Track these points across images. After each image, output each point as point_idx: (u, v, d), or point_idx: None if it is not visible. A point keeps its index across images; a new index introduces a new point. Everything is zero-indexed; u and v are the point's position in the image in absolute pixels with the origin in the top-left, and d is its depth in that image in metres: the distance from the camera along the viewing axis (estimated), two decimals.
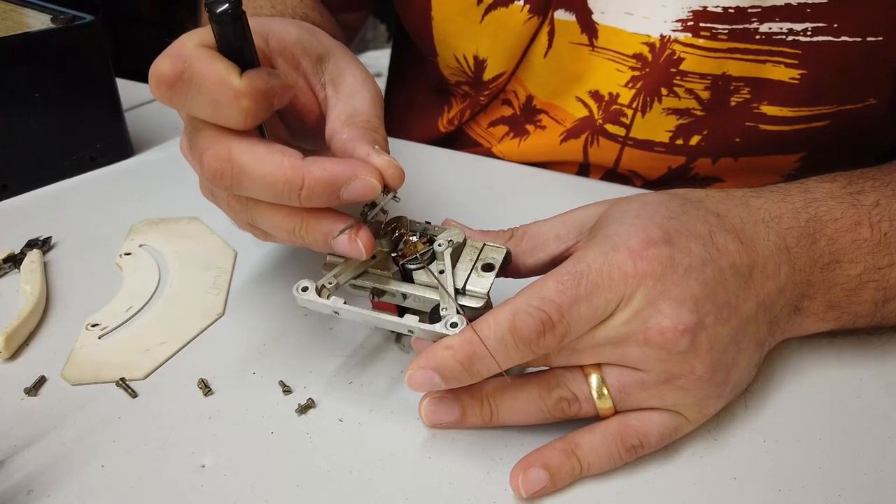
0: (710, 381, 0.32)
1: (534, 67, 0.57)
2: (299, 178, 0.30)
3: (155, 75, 0.30)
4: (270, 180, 0.31)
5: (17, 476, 0.33)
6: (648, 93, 0.52)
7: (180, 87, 0.30)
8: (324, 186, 0.31)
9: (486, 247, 0.36)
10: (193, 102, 0.30)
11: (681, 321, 0.31)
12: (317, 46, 0.36)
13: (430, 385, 0.32)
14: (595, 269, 0.31)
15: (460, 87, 0.63)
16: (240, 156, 0.31)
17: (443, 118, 0.66)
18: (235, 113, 0.30)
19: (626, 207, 0.35)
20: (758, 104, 0.50)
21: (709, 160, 0.55)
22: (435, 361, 0.31)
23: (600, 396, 0.33)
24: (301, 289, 0.34)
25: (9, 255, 0.46)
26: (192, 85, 0.30)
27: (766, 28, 0.47)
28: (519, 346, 0.31)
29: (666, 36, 0.49)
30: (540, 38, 0.55)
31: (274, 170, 0.30)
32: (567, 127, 0.58)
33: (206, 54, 0.30)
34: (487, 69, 0.58)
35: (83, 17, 0.56)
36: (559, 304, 0.31)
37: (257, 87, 0.30)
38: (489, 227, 0.39)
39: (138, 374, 0.38)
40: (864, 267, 0.36)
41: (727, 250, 0.33)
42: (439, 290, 0.34)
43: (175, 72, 0.30)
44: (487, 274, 0.34)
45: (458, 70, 0.60)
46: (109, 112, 0.58)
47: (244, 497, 0.32)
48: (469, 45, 0.57)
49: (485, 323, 0.31)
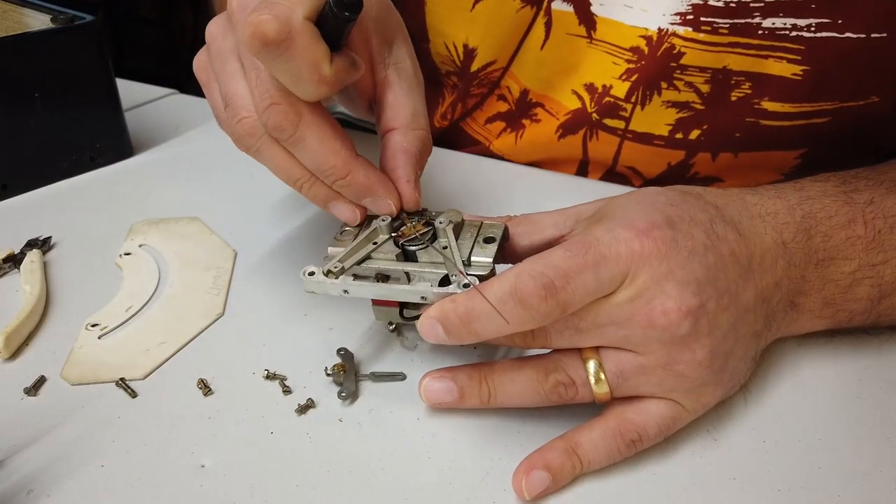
0: (709, 367, 0.32)
1: (529, 59, 0.57)
2: (346, 171, 0.34)
3: (256, 27, 0.30)
4: (322, 158, 0.34)
5: (17, 476, 0.33)
6: (647, 86, 0.52)
7: (274, 49, 0.30)
8: (359, 188, 0.35)
9: (484, 224, 0.37)
10: (277, 65, 0.31)
11: (684, 303, 0.31)
12: (389, 28, 0.38)
13: (434, 335, 0.32)
14: (604, 242, 0.31)
15: (449, 78, 0.63)
16: (307, 126, 0.33)
17: (436, 113, 0.66)
18: (312, 91, 0.32)
19: (627, 197, 0.35)
20: (759, 99, 0.50)
21: (708, 155, 0.55)
22: (440, 312, 0.32)
23: (597, 381, 0.33)
24: (308, 273, 0.35)
25: (9, 254, 0.47)
26: (287, 55, 0.31)
27: (769, 23, 0.46)
28: (519, 309, 0.31)
29: (664, 29, 0.49)
30: (536, 29, 0.55)
31: (330, 154, 0.34)
32: (561, 120, 0.58)
33: (311, 34, 0.31)
34: (477, 58, 0.58)
35: (83, 17, 0.56)
36: (565, 269, 0.31)
37: (339, 77, 0.32)
38: None
39: (138, 373, 0.38)
40: (858, 264, 0.36)
41: (727, 239, 0.34)
42: (445, 263, 0.34)
43: (278, 36, 0.30)
44: (489, 245, 0.35)
45: (448, 59, 0.60)
46: (109, 112, 0.59)
47: (244, 497, 0.32)
48: (460, 32, 0.57)
49: (488, 284, 0.32)
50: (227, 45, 0.36)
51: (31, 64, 0.52)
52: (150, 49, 1.98)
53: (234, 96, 0.35)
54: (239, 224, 0.51)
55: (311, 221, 0.52)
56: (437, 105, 0.66)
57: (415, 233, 0.36)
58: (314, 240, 0.50)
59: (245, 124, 0.35)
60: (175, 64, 1.90)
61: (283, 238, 0.50)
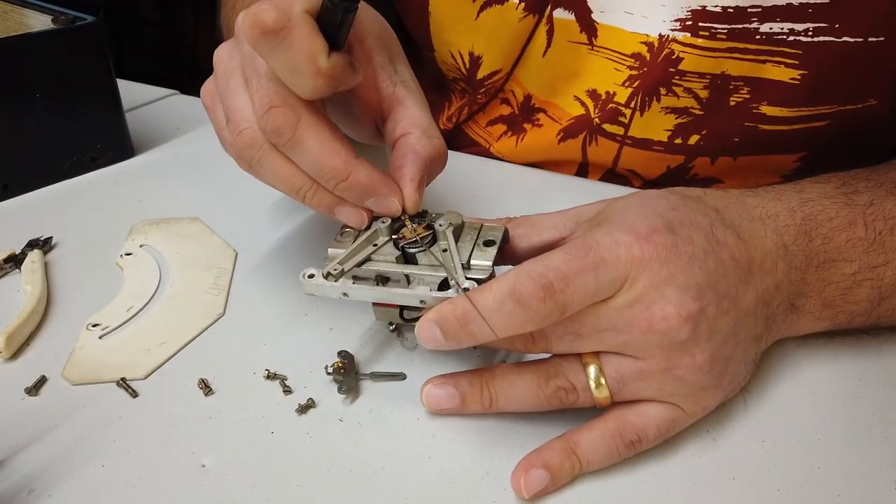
0: (709, 371, 0.32)
1: (532, 66, 0.57)
2: (347, 173, 0.34)
3: (255, 17, 0.31)
4: (322, 161, 0.34)
5: (18, 475, 0.33)
6: (647, 92, 0.52)
7: (272, 39, 0.31)
8: (361, 189, 0.35)
9: (484, 227, 0.37)
10: (274, 57, 0.32)
11: (684, 308, 0.31)
12: (391, 48, 0.39)
13: (432, 338, 0.32)
14: (604, 246, 0.31)
15: (457, 84, 0.63)
16: (306, 128, 0.33)
17: (443, 115, 0.66)
18: (308, 86, 0.32)
19: (627, 201, 0.35)
20: (757, 104, 0.50)
21: (707, 160, 0.55)
22: (438, 315, 0.32)
23: (598, 386, 0.33)
24: (307, 275, 0.35)
25: (10, 255, 0.47)
26: (284, 45, 0.31)
27: (767, 28, 0.47)
28: (518, 310, 0.31)
29: (665, 35, 0.49)
30: (538, 36, 0.55)
31: (330, 156, 0.34)
32: (563, 125, 0.58)
33: (309, 26, 0.31)
34: (482, 66, 0.58)
35: (84, 18, 0.56)
36: (564, 272, 0.31)
37: (336, 74, 0.32)
38: None
39: (139, 373, 0.38)
40: (858, 266, 0.36)
41: (727, 243, 0.34)
42: (445, 266, 0.34)
43: (276, 25, 0.30)
44: (489, 248, 0.35)
45: (454, 67, 0.60)
46: (110, 112, 0.59)
47: (244, 497, 0.32)
48: (465, 41, 0.57)
49: (487, 286, 0.32)
50: (232, 63, 0.37)
51: (32, 65, 0.52)
52: (151, 49, 1.98)
53: (235, 109, 0.36)
54: (239, 224, 0.51)
55: (311, 222, 0.52)
56: (444, 109, 0.66)
57: (415, 235, 0.36)
58: (314, 240, 0.50)
59: (245, 135, 0.35)
60: (176, 64, 1.91)
61: (283, 238, 0.50)
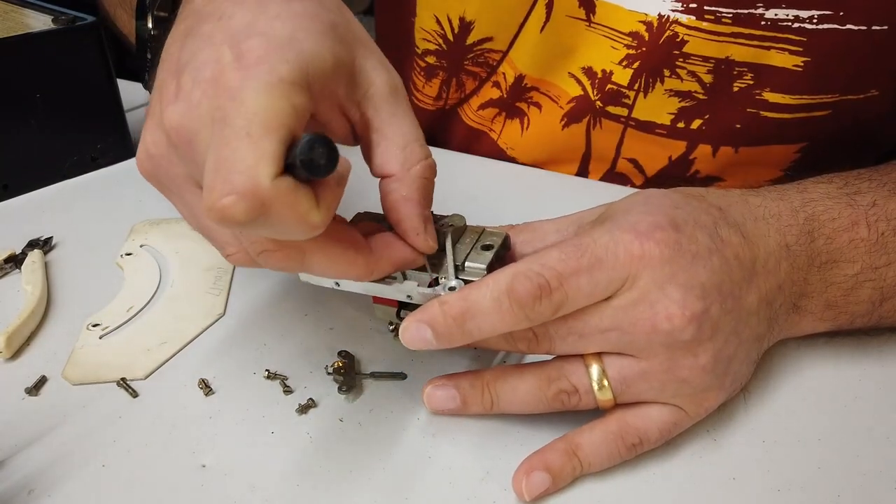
0: (712, 371, 0.32)
1: (528, 43, 0.57)
2: (369, 273, 0.31)
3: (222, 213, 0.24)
4: (339, 274, 0.31)
5: (18, 476, 0.33)
6: (650, 73, 0.52)
7: (250, 226, 0.25)
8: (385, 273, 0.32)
9: (485, 232, 0.36)
10: (259, 233, 0.28)
11: (688, 307, 0.31)
12: (348, 58, 0.30)
13: (421, 340, 0.31)
14: (601, 245, 0.31)
15: (425, 58, 0.61)
16: (312, 256, 0.29)
17: (419, 91, 0.65)
18: (304, 238, 0.28)
19: (631, 200, 0.35)
20: (760, 90, 0.50)
21: (709, 149, 0.55)
22: (429, 315, 0.31)
23: (601, 388, 0.33)
24: None
25: (10, 255, 0.47)
26: (268, 223, 0.25)
27: (772, 14, 0.47)
28: (514, 309, 0.30)
29: (664, 15, 0.49)
30: (537, 10, 0.55)
31: (347, 268, 0.30)
32: (565, 109, 0.58)
33: (287, 190, 0.25)
34: (473, 31, 0.57)
35: (84, 18, 0.56)
36: (559, 271, 0.31)
37: (332, 212, 0.27)
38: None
39: (139, 373, 0.38)
40: (861, 266, 0.36)
41: (731, 242, 0.33)
42: (438, 265, 0.34)
43: (251, 216, 0.25)
44: (486, 252, 0.35)
45: (434, 34, 0.59)
46: (110, 112, 0.59)
47: (245, 497, 0.32)
48: (456, 4, 0.56)
49: (483, 282, 0.31)
50: (177, 171, 0.31)
51: (33, 64, 0.52)
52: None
53: (211, 230, 0.31)
54: None
55: None
56: (420, 87, 0.64)
57: None
58: None
59: (237, 259, 0.31)
60: None
61: None
